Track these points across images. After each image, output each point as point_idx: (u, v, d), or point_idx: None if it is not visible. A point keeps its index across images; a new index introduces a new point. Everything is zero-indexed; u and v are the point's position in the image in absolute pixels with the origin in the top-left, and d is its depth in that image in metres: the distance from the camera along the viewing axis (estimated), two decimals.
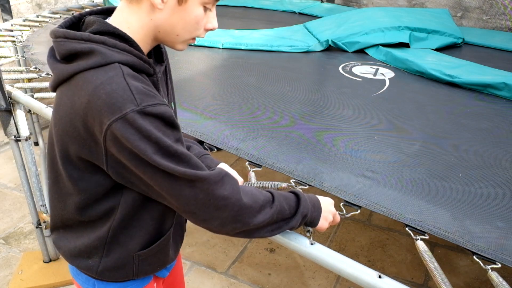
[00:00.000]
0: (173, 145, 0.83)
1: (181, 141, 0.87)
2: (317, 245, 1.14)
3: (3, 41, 2.76)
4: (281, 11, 4.20)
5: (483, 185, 1.45)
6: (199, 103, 2.04)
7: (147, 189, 0.89)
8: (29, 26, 3.14)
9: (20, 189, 2.91)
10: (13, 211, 2.77)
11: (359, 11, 3.66)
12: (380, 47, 2.92)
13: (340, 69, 2.64)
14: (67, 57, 0.86)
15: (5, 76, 2.02)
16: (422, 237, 1.16)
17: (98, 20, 0.88)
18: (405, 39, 2.95)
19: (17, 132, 2.02)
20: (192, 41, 0.95)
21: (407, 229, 1.21)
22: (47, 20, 3.32)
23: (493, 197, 1.38)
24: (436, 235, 1.19)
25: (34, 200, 2.20)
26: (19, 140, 2.04)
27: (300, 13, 4.12)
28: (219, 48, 2.93)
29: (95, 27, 0.87)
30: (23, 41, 2.77)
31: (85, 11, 0.96)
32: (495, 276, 1.03)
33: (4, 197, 2.89)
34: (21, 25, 3.14)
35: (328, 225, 1.15)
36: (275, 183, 1.37)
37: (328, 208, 1.13)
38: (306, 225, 1.11)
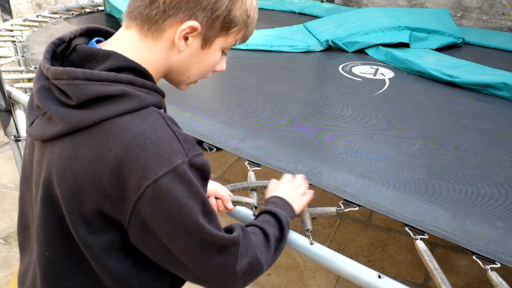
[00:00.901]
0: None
1: None
2: (317, 245, 1.14)
3: (3, 41, 2.76)
4: (281, 11, 4.20)
5: (483, 185, 1.45)
6: (199, 103, 2.04)
7: (162, 258, 0.78)
8: (29, 26, 3.14)
9: None
10: (13, 211, 2.77)
11: (359, 11, 3.66)
12: (380, 47, 2.92)
13: (340, 69, 2.64)
14: (86, 102, 0.72)
15: (5, 76, 2.02)
16: (421, 236, 1.16)
17: (113, 53, 0.75)
18: (405, 39, 2.95)
19: (17, 132, 2.02)
20: (195, 83, 0.90)
21: (406, 228, 1.21)
22: (47, 20, 3.32)
23: (493, 197, 1.38)
24: (435, 234, 1.19)
25: None
26: (19, 140, 2.04)
27: (300, 13, 4.11)
28: None
29: (113, 63, 0.74)
30: (23, 41, 2.77)
31: (64, 34, 0.82)
32: (494, 276, 1.03)
33: (4, 197, 2.89)
34: (21, 25, 3.14)
35: (306, 201, 1.17)
36: (266, 183, 1.37)
37: (290, 192, 1.13)
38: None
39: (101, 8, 3.69)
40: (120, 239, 0.78)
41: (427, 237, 1.17)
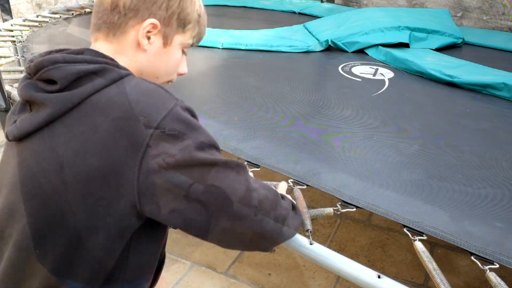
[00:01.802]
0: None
1: None
2: (317, 245, 1.14)
3: (3, 41, 2.76)
4: (281, 11, 4.20)
5: (482, 186, 1.45)
6: (198, 103, 2.04)
7: (189, 216, 0.80)
8: (29, 26, 3.14)
9: None
10: None
11: (359, 11, 3.66)
12: (379, 47, 2.92)
13: (339, 69, 2.64)
14: (71, 83, 0.76)
15: (5, 76, 2.03)
16: (420, 237, 1.16)
17: (86, 49, 0.82)
18: (405, 39, 2.95)
19: None
20: (166, 84, 0.93)
21: (405, 229, 1.21)
22: (47, 20, 3.32)
23: (492, 197, 1.38)
24: (434, 235, 1.19)
25: None
26: None
27: (300, 13, 4.12)
28: (219, 48, 2.93)
29: (87, 56, 0.80)
30: (23, 41, 2.77)
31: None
32: (493, 276, 1.03)
33: None
34: (21, 25, 3.14)
35: None
36: (274, 183, 1.37)
37: None
38: None
39: None
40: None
41: (425, 238, 1.17)
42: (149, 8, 0.83)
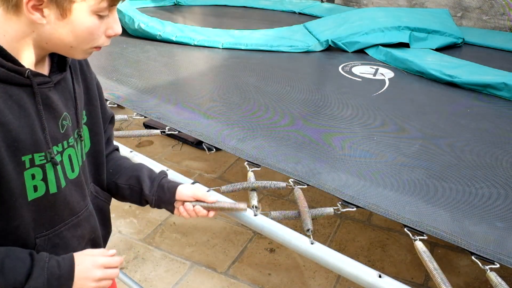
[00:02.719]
0: None
1: None
2: (317, 245, 1.14)
3: None
4: (281, 11, 4.20)
5: (482, 186, 1.45)
6: (199, 103, 2.04)
7: None
8: None
9: None
10: None
11: (359, 11, 3.66)
12: (380, 47, 2.92)
13: (340, 69, 2.64)
14: None
15: None
16: (420, 237, 1.16)
17: None
18: (405, 39, 2.95)
19: None
20: (95, 49, 0.86)
21: (405, 229, 1.21)
22: None
23: (492, 197, 1.38)
24: (434, 235, 1.19)
25: None
26: None
27: (300, 13, 4.12)
28: (219, 48, 2.93)
29: None
30: None
31: None
32: (493, 276, 1.02)
33: None
34: None
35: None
36: (274, 182, 1.37)
37: (85, 275, 0.89)
38: None
39: None
40: None
41: (426, 237, 1.17)
42: None
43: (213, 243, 2.46)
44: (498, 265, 1.08)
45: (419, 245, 1.12)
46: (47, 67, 0.89)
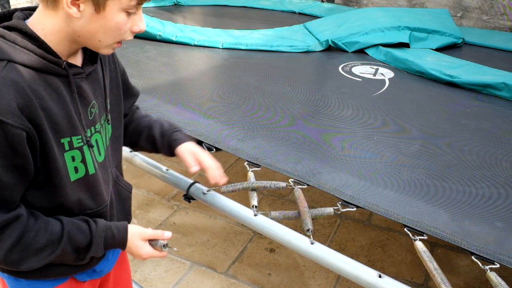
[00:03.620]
0: None
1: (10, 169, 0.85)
2: (318, 245, 1.14)
3: None
4: (281, 11, 4.20)
5: (482, 185, 1.45)
6: (199, 103, 2.04)
7: None
8: None
9: None
10: None
11: (359, 11, 3.66)
12: (380, 47, 2.92)
13: (340, 69, 2.64)
14: None
15: None
16: (420, 237, 1.16)
17: (17, 15, 0.89)
18: (405, 39, 2.95)
19: None
20: (117, 45, 0.94)
21: (405, 229, 1.21)
22: None
23: (492, 197, 1.38)
24: (434, 235, 1.19)
25: None
26: None
27: (300, 13, 4.12)
28: (219, 48, 2.93)
29: (9, 22, 0.87)
30: None
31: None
32: (493, 276, 1.03)
33: None
34: None
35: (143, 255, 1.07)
36: (274, 182, 1.37)
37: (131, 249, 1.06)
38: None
39: None
40: None
41: (426, 237, 1.17)
42: None
43: (213, 243, 2.46)
44: (498, 265, 1.08)
45: (419, 245, 1.12)
46: (80, 59, 0.97)
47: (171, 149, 1.25)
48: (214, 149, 1.59)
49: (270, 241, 2.45)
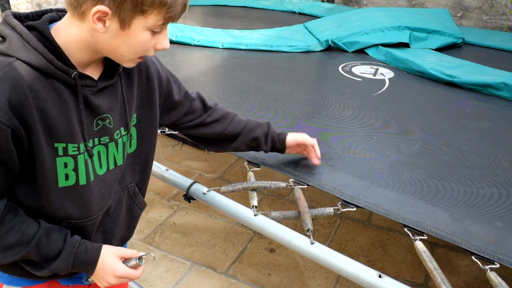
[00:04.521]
0: None
1: None
2: (318, 245, 1.14)
3: None
4: (281, 11, 4.20)
5: (483, 185, 1.45)
6: None
7: None
8: None
9: None
10: None
11: (359, 11, 3.66)
12: (380, 47, 2.92)
13: (340, 69, 2.64)
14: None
15: None
16: (420, 237, 1.16)
17: (46, 17, 0.90)
18: (405, 39, 2.95)
19: None
20: (140, 60, 0.94)
21: (405, 229, 1.21)
22: None
23: (492, 197, 1.38)
24: (434, 235, 1.19)
25: None
26: None
27: (300, 13, 4.12)
28: (219, 48, 2.93)
29: (33, 22, 0.88)
30: None
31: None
32: (493, 276, 1.03)
33: None
34: None
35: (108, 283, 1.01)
36: (274, 182, 1.37)
37: (101, 275, 1.00)
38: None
39: None
40: None
41: (426, 237, 1.17)
42: None
43: (213, 243, 2.46)
44: (498, 265, 1.08)
45: (419, 245, 1.12)
46: (99, 70, 0.96)
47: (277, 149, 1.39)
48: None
49: (270, 241, 2.45)
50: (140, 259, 1.00)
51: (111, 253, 1.00)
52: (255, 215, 1.24)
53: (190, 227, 2.57)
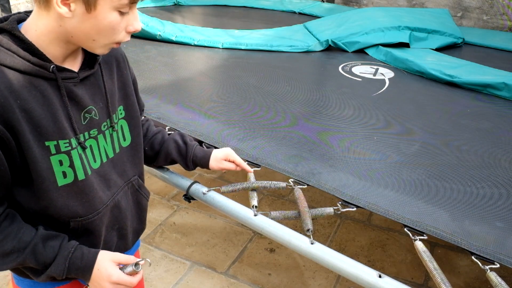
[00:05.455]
0: None
1: None
2: (318, 245, 1.14)
3: None
4: (281, 11, 4.20)
5: (482, 185, 1.45)
6: (199, 103, 2.04)
7: None
8: None
9: None
10: None
11: (359, 11, 3.66)
12: (380, 47, 2.92)
13: (340, 69, 2.64)
14: None
15: None
16: (420, 237, 1.16)
17: (13, 18, 0.89)
18: (405, 39, 2.95)
19: None
20: (115, 45, 0.92)
21: (405, 229, 1.21)
22: None
23: (492, 197, 1.38)
24: (434, 235, 1.19)
25: None
26: None
27: (300, 13, 4.12)
28: (219, 48, 2.93)
29: (2, 24, 0.87)
30: None
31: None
32: (493, 276, 1.03)
33: None
34: None
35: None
36: (274, 182, 1.37)
37: (98, 281, 0.98)
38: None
39: None
40: None
41: (426, 237, 1.17)
42: None
43: (213, 243, 2.46)
44: (498, 265, 1.08)
45: (419, 245, 1.12)
46: (78, 63, 0.96)
47: (197, 166, 1.32)
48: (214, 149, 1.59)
49: (270, 241, 2.45)
50: (136, 265, 0.99)
51: (107, 259, 0.98)
52: (255, 215, 1.24)
53: (190, 227, 2.57)
